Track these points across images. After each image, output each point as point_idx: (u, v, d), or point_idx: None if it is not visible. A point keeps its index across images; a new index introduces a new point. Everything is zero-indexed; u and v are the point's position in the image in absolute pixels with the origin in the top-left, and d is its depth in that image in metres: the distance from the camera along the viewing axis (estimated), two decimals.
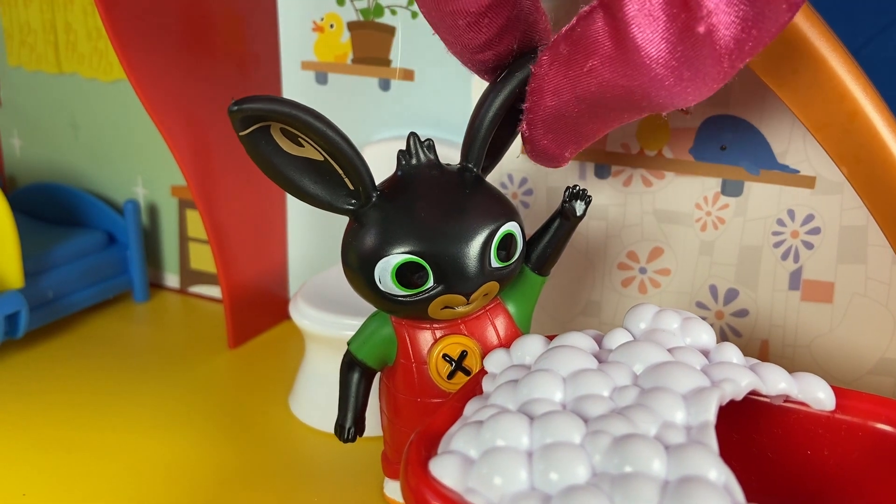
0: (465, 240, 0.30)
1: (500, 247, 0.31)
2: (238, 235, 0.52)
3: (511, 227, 0.32)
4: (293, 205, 0.55)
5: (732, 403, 0.27)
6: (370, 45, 0.49)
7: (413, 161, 0.32)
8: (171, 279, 0.62)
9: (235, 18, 0.49)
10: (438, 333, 0.33)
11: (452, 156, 0.34)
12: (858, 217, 0.38)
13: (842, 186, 0.38)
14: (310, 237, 0.56)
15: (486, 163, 0.34)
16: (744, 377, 0.27)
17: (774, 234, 0.40)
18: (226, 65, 0.49)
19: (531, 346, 0.30)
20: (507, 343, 0.32)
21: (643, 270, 0.44)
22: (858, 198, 0.33)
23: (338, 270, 0.33)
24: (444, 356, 0.33)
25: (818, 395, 0.29)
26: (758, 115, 0.39)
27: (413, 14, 0.47)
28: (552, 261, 0.35)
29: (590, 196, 0.34)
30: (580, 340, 0.29)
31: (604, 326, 0.46)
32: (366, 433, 0.35)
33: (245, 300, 0.53)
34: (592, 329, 0.32)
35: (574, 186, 0.34)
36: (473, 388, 0.29)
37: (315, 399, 0.44)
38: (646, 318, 0.31)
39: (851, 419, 0.29)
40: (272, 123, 0.29)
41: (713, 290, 0.43)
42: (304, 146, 0.30)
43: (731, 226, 0.41)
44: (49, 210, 0.61)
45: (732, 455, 0.26)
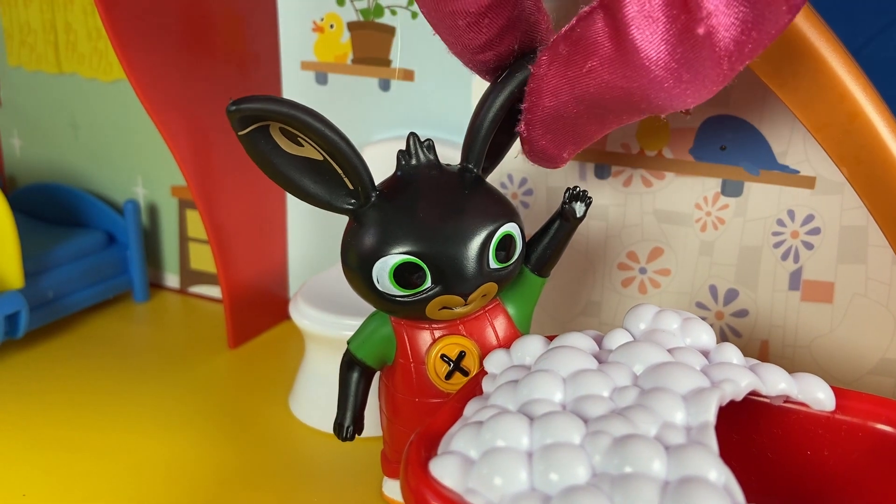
0: (463, 240, 0.30)
1: (499, 248, 0.31)
2: (238, 235, 0.52)
3: (510, 228, 0.31)
4: (293, 205, 0.55)
5: (732, 404, 0.27)
6: (370, 46, 0.49)
7: (412, 161, 0.32)
8: (171, 279, 0.62)
9: (235, 18, 0.49)
10: (437, 334, 0.33)
11: (453, 156, 0.34)
12: (858, 217, 0.38)
13: (842, 187, 0.38)
14: (310, 237, 0.56)
15: (487, 163, 0.33)
16: (744, 377, 0.27)
17: (774, 235, 0.40)
18: (226, 65, 0.49)
19: (531, 347, 0.30)
20: (506, 344, 0.32)
21: (643, 271, 0.44)
22: (858, 198, 0.33)
23: (338, 270, 0.33)
24: (443, 356, 0.33)
25: (818, 396, 0.29)
26: (758, 116, 0.39)
27: (413, 14, 0.47)
28: (552, 262, 0.35)
29: (590, 197, 0.34)
30: (580, 341, 0.29)
31: (604, 327, 0.46)
32: (366, 433, 0.35)
33: (245, 300, 0.53)
34: (592, 329, 0.32)
35: (574, 188, 0.34)
36: (473, 389, 0.29)
37: (315, 399, 0.44)
38: (646, 319, 0.31)
39: (851, 419, 0.29)
40: (271, 123, 0.29)
41: (713, 291, 0.43)
42: (304, 146, 0.30)
43: (731, 226, 0.41)
44: (49, 210, 0.61)
45: (732, 455, 0.26)
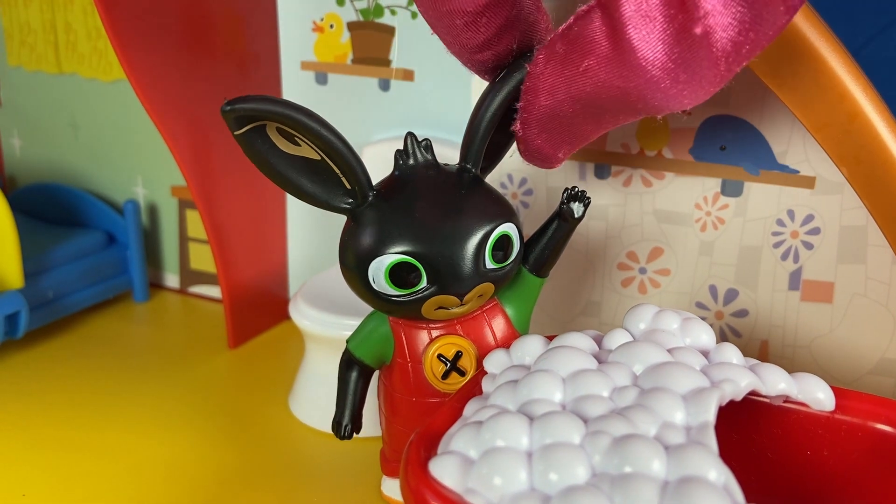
0: (460, 240, 0.30)
1: (496, 248, 0.31)
2: (238, 235, 0.52)
3: (507, 229, 0.31)
4: (293, 205, 0.55)
5: (732, 404, 0.27)
6: (370, 46, 0.49)
7: (410, 161, 0.32)
8: (171, 279, 0.62)
9: (235, 18, 0.49)
10: (434, 333, 0.33)
11: (452, 156, 0.34)
12: (858, 217, 0.38)
13: (841, 187, 0.38)
14: (310, 237, 0.56)
15: (486, 163, 0.33)
16: (743, 377, 0.27)
17: (774, 235, 0.40)
18: (226, 65, 0.49)
19: (531, 347, 0.30)
20: (504, 345, 0.32)
21: (643, 271, 0.44)
22: (858, 198, 0.33)
23: (338, 270, 0.33)
24: (439, 356, 0.33)
25: (818, 396, 0.29)
26: (758, 116, 0.39)
27: (413, 14, 0.47)
28: (550, 262, 0.34)
29: (589, 198, 0.34)
30: (580, 341, 0.29)
31: (604, 326, 0.46)
32: (365, 432, 0.35)
33: (245, 300, 0.53)
34: (592, 329, 0.31)
35: (572, 188, 0.33)
36: (473, 389, 0.29)
37: (315, 399, 0.44)
38: (645, 319, 0.31)
39: (851, 419, 0.29)
40: (267, 123, 0.29)
41: (713, 291, 0.43)
42: (301, 145, 0.30)
43: (731, 226, 0.41)
44: (49, 210, 0.61)
45: (732, 455, 0.26)
